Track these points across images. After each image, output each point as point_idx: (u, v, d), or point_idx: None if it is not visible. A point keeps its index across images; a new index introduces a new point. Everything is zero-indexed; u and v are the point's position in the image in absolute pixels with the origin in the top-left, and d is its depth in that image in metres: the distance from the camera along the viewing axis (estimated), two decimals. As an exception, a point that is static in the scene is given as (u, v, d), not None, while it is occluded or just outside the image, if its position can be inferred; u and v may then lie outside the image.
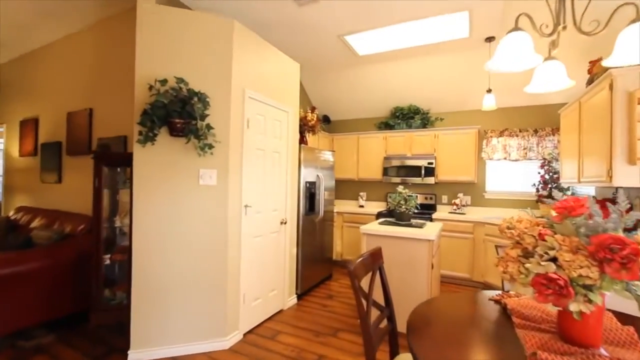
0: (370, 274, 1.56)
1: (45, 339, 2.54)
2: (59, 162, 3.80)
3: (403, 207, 3.13)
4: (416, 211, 3.28)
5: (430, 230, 2.84)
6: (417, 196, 3.27)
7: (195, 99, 2.19)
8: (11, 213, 3.93)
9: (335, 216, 4.78)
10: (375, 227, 2.95)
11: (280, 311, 3.18)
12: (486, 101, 3.67)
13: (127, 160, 2.32)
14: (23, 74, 4.47)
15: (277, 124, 3.10)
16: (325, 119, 5.51)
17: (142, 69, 2.26)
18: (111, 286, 2.56)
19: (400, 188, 3.22)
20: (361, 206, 5.24)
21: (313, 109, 3.95)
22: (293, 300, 3.38)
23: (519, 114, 4.38)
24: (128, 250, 2.33)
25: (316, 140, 4.77)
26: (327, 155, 4.14)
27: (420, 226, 3.01)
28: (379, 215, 4.58)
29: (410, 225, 3.01)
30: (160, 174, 2.30)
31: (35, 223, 3.41)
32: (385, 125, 5.10)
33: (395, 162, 4.76)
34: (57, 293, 2.58)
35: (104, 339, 2.54)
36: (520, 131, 4.28)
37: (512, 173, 4.44)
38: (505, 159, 4.37)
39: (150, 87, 2.14)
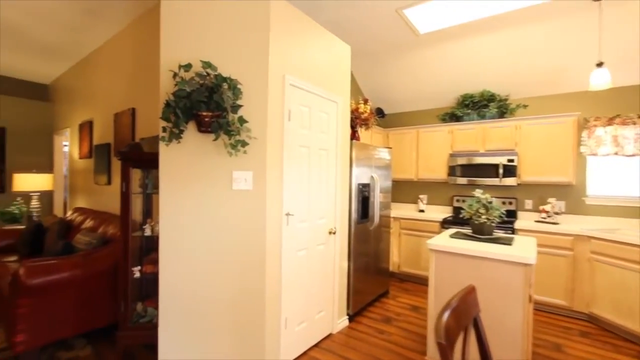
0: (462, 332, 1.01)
1: (83, 351, 2.40)
2: (108, 163, 3.79)
3: (483, 216, 2.45)
4: (499, 221, 2.58)
5: (525, 248, 2.15)
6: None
7: (225, 85, 1.81)
8: (69, 213, 4.04)
9: (391, 222, 4.19)
10: (447, 241, 2.34)
11: (329, 336, 2.72)
12: (596, 78, 2.79)
13: (157, 161, 2.04)
14: (80, 80, 4.63)
15: (324, 116, 2.63)
16: (379, 112, 4.91)
17: (166, 54, 1.95)
18: (143, 299, 2.33)
19: (478, 192, 2.54)
20: (421, 210, 4.57)
21: (366, 100, 3.42)
22: (344, 322, 2.89)
23: (638, 94, 3.35)
24: (159, 262, 2.06)
25: (368, 137, 4.22)
26: (383, 153, 3.58)
27: (508, 242, 2.32)
28: (445, 222, 3.89)
29: (494, 241, 2.34)
30: (189, 177, 1.97)
31: (86, 224, 3.39)
32: (451, 116, 4.35)
33: (464, 160, 4.01)
34: (94, 303, 2.42)
35: (135, 357, 2.31)
36: (639, 117, 3.27)
37: (625, 172, 3.43)
38: (616, 153, 3.38)
39: (174, 75, 1.81)
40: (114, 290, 2.51)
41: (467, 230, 2.71)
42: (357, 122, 3.26)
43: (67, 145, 5.36)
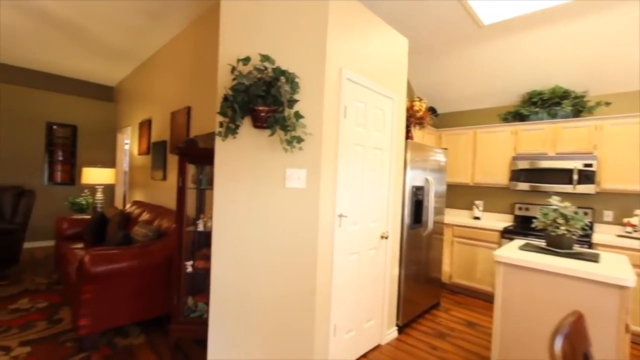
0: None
1: (137, 340, 2.48)
2: (164, 160, 3.96)
3: (562, 227, 2.14)
4: (582, 234, 2.25)
5: (617, 267, 1.83)
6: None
7: (282, 79, 1.75)
8: (128, 206, 4.29)
9: (444, 229, 3.91)
10: (517, 254, 2.07)
11: (378, 347, 2.55)
12: None
13: (212, 157, 2.03)
14: (141, 81, 4.93)
15: (380, 113, 2.48)
16: (431, 111, 4.63)
17: (225, 49, 1.94)
18: (194, 294, 2.35)
19: (555, 199, 2.23)
20: (476, 218, 4.21)
21: (420, 98, 3.20)
22: (393, 333, 2.71)
23: None
24: (210, 258, 2.05)
25: (420, 138, 3.98)
26: (439, 155, 3.33)
27: (594, 258, 2.00)
28: (506, 232, 3.53)
29: (576, 256, 2.02)
30: (242, 173, 1.93)
31: (143, 217, 3.57)
32: (515, 115, 3.96)
33: (529, 164, 3.61)
34: (149, 293, 2.50)
35: (185, 351, 2.33)
36: None
37: None
38: None
39: (233, 69, 1.78)
40: (166, 282, 2.58)
41: (539, 242, 2.40)
42: (411, 121, 3.07)
43: (127, 143, 5.75)
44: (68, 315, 2.80)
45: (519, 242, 2.57)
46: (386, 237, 2.55)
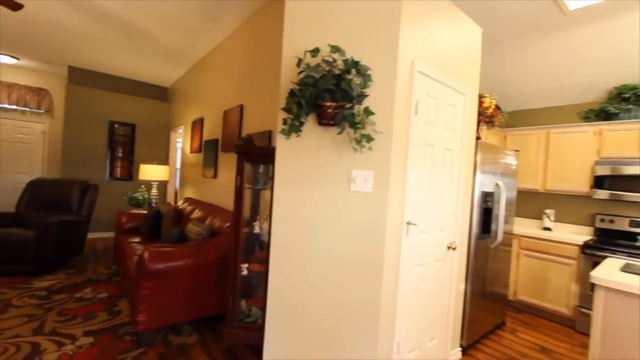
0: None
1: (190, 339, 2.46)
2: (215, 158, 3.99)
3: (684, 248, 1.75)
4: None
5: None
6: None
7: (353, 71, 1.59)
8: (180, 203, 4.40)
9: (512, 239, 3.53)
10: (626, 278, 1.73)
11: (441, 369, 2.31)
12: None
13: (270, 156, 1.93)
14: (194, 81, 5.06)
15: (450, 110, 2.24)
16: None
17: (289, 41, 1.82)
18: (248, 297, 2.28)
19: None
20: (546, 228, 3.76)
21: (489, 95, 2.88)
22: (457, 354, 2.44)
23: None
24: (266, 262, 1.96)
25: (484, 138, 3.61)
26: (509, 157, 2.99)
27: None
28: (587, 247, 3.08)
29: None
30: (304, 174, 1.80)
31: (194, 214, 3.61)
32: (599, 113, 3.46)
33: (615, 169, 3.12)
34: (202, 293, 2.48)
35: (237, 356, 2.27)
36: None
37: None
38: None
39: (299, 62, 1.66)
40: (219, 282, 2.54)
41: (646, 264, 2.01)
42: (480, 119, 2.76)
43: (180, 141, 5.97)
44: (126, 307, 2.88)
45: (615, 261, 2.19)
46: (454, 248, 2.29)
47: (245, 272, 2.09)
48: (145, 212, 4.28)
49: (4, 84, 5.80)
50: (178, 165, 6.14)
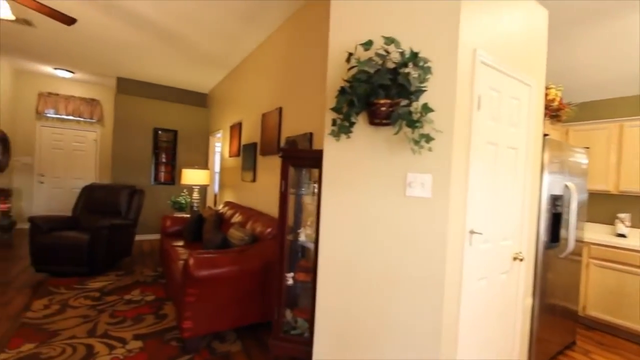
0: None
1: (234, 346, 2.42)
2: (254, 162, 3.98)
3: None
4: None
5: None
6: None
7: (411, 65, 1.43)
8: (220, 207, 4.45)
9: (582, 248, 3.15)
10: None
11: (506, 394, 2.06)
12: None
13: (316, 160, 1.82)
14: (232, 86, 5.11)
15: (514, 104, 1.99)
16: (554, 103, 3.82)
17: (337, 35, 1.70)
18: (293, 307, 2.18)
19: None
20: (620, 235, 3.31)
21: (554, 86, 2.57)
22: (524, 378, 2.18)
23: None
24: (312, 271, 1.85)
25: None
26: (579, 155, 2.64)
27: None
28: (679, 258, 2.64)
29: None
30: (355, 178, 1.67)
31: (235, 219, 3.61)
32: (688, 102, 2.99)
33: None
34: (245, 300, 2.43)
35: (283, 369, 2.18)
36: None
37: None
38: None
39: (349, 57, 1.53)
40: (262, 290, 2.47)
41: None
42: (545, 113, 2.47)
43: (219, 146, 6.09)
44: (172, 311, 2.91)
45: None
46: (520, 259, 2.03)
47: (290, 282, 2.00)
48: (188, 216, 4.38)
49: (61, 96, 6.27)
50: (217, 170, 6.26)
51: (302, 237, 2.03)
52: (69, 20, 2.77)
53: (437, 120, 1.55)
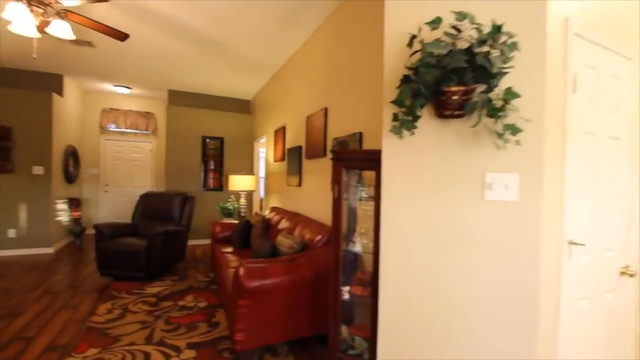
0: None
1: (285, 360, 2.30)
2: (299, 165, 3.88)
3: None
4: None
5: None
6: None
7: (490, 42, 1.18)
8: (267, 212, 4.42)
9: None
10: None
11: None
12: None
13: (373, 161, 1.63)
14: (275, 90, 5.10)
15: (614, 84, 1.63)
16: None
17: (394, 19, 1.50)
18: (349, 323, 2.00)
19: None
20: None
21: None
22: (637, 420, 1.77)
23: None
24: (371, 285, 1.65)
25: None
26: (695, 143, 2.14)
27: None
28: None
29: None
30: (420, 180, 1.45)
31: (282, 225, 3.53)
32: None
33: None
34: (296, 312, 2.30)
35: (340, 389, 2.00)
36: None
37: None
38: None
39: (411, 40, 1.32)
40: (313, 302, 2.33)
41: None
42: (648, 94, 2.02)
43: (263, 151, 6.13)
44: (223, 319, 2.88)
45: None
46: (630, 275, 1.65)
47: (346, 297, 1.82)
48: (236, 221, 4.41)
49: (120, 111, 6.76)
50: (261, 175, 6.31)
51: (357, 247, 1.84)
52: (122, 36, 2.88)
53: (524, 108, 1.27)
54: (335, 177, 1.74)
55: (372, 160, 1.62)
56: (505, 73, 1.24)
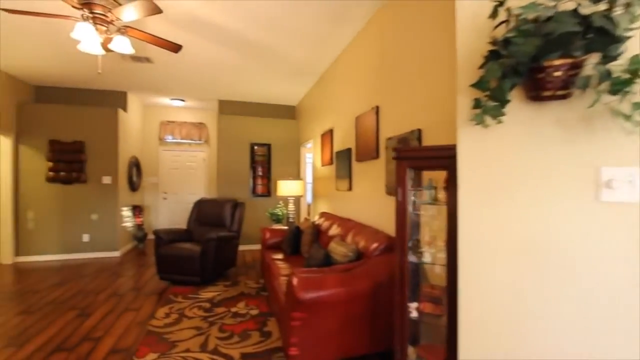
0: None
1: (342, 379, 2.12)
2: (349, 169, 3.71)
3: None
4: None
5: None
6: None
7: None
8: (316, 218, 4.31)
9: None
10: None
11: None
12: None
13: (446, 158, 1.40)
14: (321, 94, 5.00)
15: None
16: None
17: (471, -11, 1.27)
18: (414, 343, 1.76)
19: None
20: None
21: None
22: None
23: None
24: (447, 303, 1.42)
25: None
26: None
27: None
28: None
29: None
30: (508, 180, 1.19)
31: (332, 231, 3.38)
32: None
33: None
34: (353, 328, 2.11)
35: (407, 419, 1.76)
36: None
37: None
38: None
39: (495, 9, 1.09)
40: (371, 316, 2.12)
41: None
42: None
43: (309, 156, 6.07)
44: (275, 328, 2.79)
45: None
46: None
47: (415, 315, 1.59)
48: (285, 227, 4.35)
49: (176, 123, 7.17)
50: (308, 180, 6.25)
51: (426, 258, 1.61)
52: (176, 48, 2.97)
53: (655, 80, 0.97)
54: (399, 178, 1.54)
55: (445, 157, 1.39)
56: (630, 37, 0.96)
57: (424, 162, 1.53)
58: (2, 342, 2.57)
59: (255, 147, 6.29)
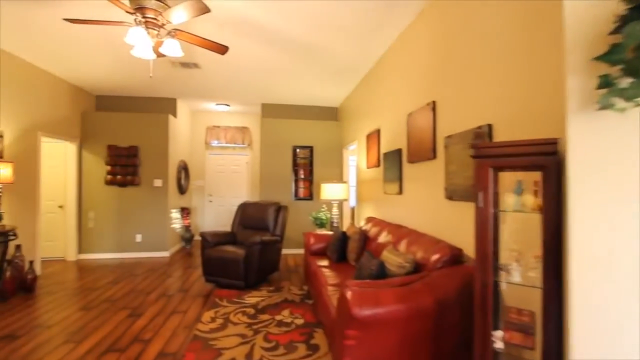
0: None
1: (400, 406, 1.87)
2: (399, 171, 3.45)
3: None
4: None
5: None
6: None
7: None
8: (362, 223, 4.08)
9: None
10: None
11: None
12: None
13: (544, 155, 1.12)
14: (365, 94, 4.78)
15: None
16: None
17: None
18: (493, 377, 1.47)
19: None
20: None
21: None
22: None
23: None
24: (543, 335, 1.13)
25: None
26: None
27: None
28: None
29: None
30: (635, 177, 0.90)
31: (382, 238, 3.13)
32: None
33: None
34: (413, 350, 1.86)
35: None
36: None
37: None
38: None
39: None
40: (434, 338, 1.85)
41: None
42: None
43: (352, 158, 5.86)
44: (323, 341, 2.61)
45: None
46: None
47: (499, 346, 1.31)
48: (329, 232, 4.17)
49: (221, 128, 7.35)
50: (352, 183, 6.03)
51: (514, 277, 1.33)
52: (223, 49, 2.94)
53: None
54: (480, 180, 1.28)
55: (540, 154, 1.11)
56: None
57: (512, 160, 1.25)
58: (63, 338, 2.68)
59: (297, 150, 6.21)
